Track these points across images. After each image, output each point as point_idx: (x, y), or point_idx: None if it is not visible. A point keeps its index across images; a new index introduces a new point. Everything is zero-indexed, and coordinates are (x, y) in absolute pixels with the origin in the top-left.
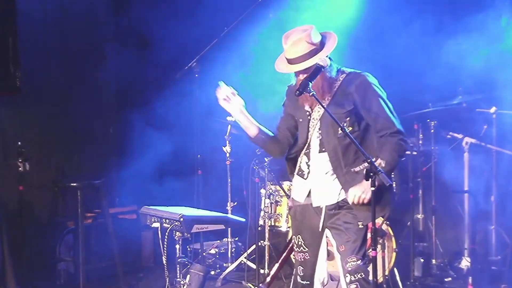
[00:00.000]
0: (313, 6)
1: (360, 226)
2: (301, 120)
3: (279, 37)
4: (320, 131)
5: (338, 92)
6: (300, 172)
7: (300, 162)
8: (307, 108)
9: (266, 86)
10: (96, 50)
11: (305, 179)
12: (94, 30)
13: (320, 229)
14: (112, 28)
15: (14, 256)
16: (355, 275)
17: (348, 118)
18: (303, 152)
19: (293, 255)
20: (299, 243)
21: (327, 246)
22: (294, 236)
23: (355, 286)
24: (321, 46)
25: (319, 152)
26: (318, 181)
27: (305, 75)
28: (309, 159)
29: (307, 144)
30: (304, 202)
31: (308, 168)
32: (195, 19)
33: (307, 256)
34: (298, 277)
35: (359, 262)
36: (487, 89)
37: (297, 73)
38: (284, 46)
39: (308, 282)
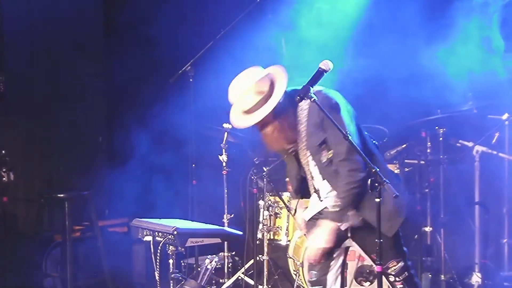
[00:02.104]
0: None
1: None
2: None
3: (278, 38)
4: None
5: (310, 123)
6: (315, 191)
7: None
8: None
9: None
10: (83, 57)
11: (321, 200)
12: (82, 35)
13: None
14: (100, 34)
15: None
16: (400, 277)
17: (323, 149)
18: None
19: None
20: None
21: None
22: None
23: (400, 283)
24: (270, 91)
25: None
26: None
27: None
28: (315, 186)
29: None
30: None
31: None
32: (191, 21)
33: (322, 260)
34: (308, 283)
35: (400, 264)
36: (498, 95)
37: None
38: (232, 100)
39: (321, 286)
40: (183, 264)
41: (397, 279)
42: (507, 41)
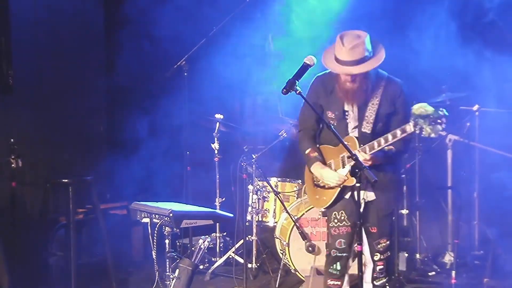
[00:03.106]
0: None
1: (388, 211)
2: (336, 114)
3: (266, 35)
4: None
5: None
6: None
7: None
8: (347, 107)
9: (253, 84)
10: (86, 52)
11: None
12: (83, 32)
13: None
14: (101, 30)
15: (7, 252)
16: (384, 254)
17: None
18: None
19: (329, 230)
20: (342, 217)
21: None
22: (335, 212)
23: (382, 263)
24: (372, 54)
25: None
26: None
27: (355, 76)
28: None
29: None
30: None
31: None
32: (185, 20)
33: (349, 230)
34: (336, 250)
35: (388, 242)
36: (470, 88)
37: (351, 75)
38: (338, 46)
39: (347, 254)
40: (178, 244)
41: (381, 257)
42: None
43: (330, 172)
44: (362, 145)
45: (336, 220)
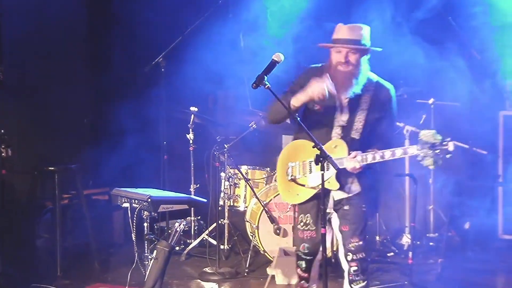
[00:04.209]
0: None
1: (363, 209)
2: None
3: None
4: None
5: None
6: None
7: None
8: (337, 103)
9: (225, 79)
10: (72, 48)
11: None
12: (69, 29)
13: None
14: (85, 28)
15: None
16: (357, 255)
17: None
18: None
19: (296, 234)
20: (307, 222)
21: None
22: (302, 215)
23: (355, 264)
24: (367, 46)
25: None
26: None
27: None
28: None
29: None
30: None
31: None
32: (163, 19)
33: (313, 235)
34: (300, 252)
35: (361, 242)
36: (426, 82)
37: (345, 52)
38: (337, 27)
39: (311, 258)
40: (156, 227)
41: (354, 257)
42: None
43: (313, 83)
44: (351, 151)
45: (302, 223)
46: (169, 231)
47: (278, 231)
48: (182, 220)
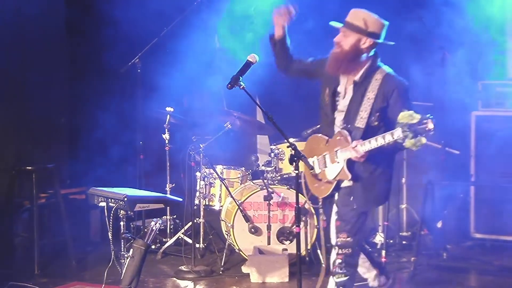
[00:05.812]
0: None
1: (354, 207)
2: (328, 91)
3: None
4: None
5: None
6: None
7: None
8: (340, 88)
9: (201, 80)
10: (49, 49)
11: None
12: (47, 32)
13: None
14: (63, 31)
15: None
16: (343, 250)
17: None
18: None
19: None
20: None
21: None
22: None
23: (340, 257)
24: (367, 33)
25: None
26: None
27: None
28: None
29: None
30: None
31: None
32: (139, 21)
33: (324, 224)
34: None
35: (348, 239)
36: None
37: (342, 32)
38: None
39: (329, 245)
40: (132, 225)
41: (339, 251)
42: None
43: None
44: (354, 139)
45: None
46: (145, 229)
47: (253, 230)
48: (158, 219)
